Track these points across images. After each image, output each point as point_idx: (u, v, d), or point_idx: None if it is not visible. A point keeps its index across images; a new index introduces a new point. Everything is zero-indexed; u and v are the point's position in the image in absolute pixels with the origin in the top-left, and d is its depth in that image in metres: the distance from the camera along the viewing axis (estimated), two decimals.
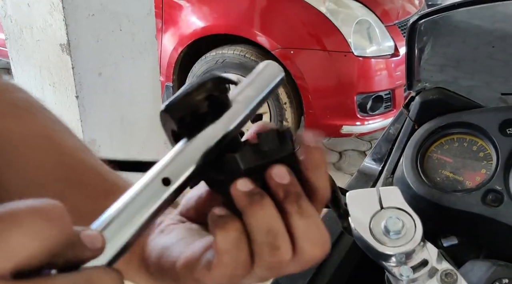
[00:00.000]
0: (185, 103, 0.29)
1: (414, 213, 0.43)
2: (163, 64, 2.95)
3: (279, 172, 0.28)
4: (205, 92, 0.29)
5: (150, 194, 0.27)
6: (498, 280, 0.44)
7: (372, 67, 2.60)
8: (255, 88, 0.33)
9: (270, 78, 0.34)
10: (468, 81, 0.56)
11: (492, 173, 0.51)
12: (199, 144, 0.29)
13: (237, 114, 0.30)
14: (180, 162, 0.28)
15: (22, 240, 0.20)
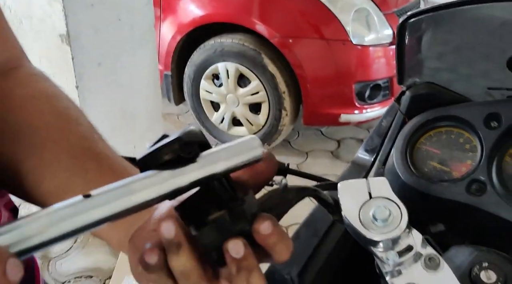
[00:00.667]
0: (152, 158, 0.33)
1: (400, 203, 0.46)
2: (161, 53, 2.96)
3: (234, 246, 0.31)
4: (171, 153, 0.33)
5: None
6: (478, 263, 0.47)
7: (370, 55, 2.61)
8: (225, 155, 0.36)
9: (245, 150, 0.36)
10: (452, 75, 0.58)
11: (476, 164, 0.54)
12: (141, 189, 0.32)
13: (188, 175, 0.33)
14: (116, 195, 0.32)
15: None
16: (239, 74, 2.79)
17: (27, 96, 0.45)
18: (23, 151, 0.43)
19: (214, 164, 0.35)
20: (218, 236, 0.33)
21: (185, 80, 3.04)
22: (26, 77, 0.47)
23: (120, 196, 0.31)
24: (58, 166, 0.42)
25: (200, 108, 3.04)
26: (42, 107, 0.45)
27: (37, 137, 0.43)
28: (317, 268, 0.54)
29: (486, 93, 0.59)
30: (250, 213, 0.34)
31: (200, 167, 0.34)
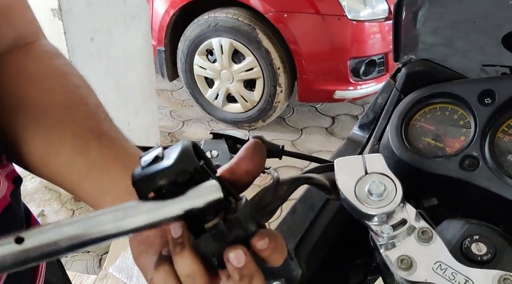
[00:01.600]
0: (146, 181, 0.34)
1: (395, 178, 0.47)
2: (154, 27, 2.92)
3: (235, 256, 0.33)
4: (166, 179, 0.33)
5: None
6: (470, 236, 0.48)
7: (365, 31, 2.59)
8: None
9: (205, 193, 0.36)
10: (447, 51, 0.59)
11: (470, 140, 0.55)
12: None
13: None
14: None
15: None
16: (233, 50, 2.76)
17: (40, 73, 0.46)
18: (32, 129, 0.44)
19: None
20: (215, 244, 0.34)
21: (178, 55, 3.01)
22: (41, 54, 0.49)
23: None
24: (63, 145, 0.43)
25: (194, 84, 3.02)
26: (53, 86, 0.46)
27: (46, 116, 0.44)
28: (313, 241, 0.56)
29: (481, 70, 0.59)
30: (244, 219, 0.35)
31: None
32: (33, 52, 0.48)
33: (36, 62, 0.47)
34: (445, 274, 0.44)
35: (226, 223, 0.34)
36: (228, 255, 0.34)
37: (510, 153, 0.53)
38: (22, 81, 0.46)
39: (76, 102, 0.46)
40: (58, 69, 0.48)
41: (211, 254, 0.35)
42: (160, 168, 0.34)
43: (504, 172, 0.52)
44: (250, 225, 0.36)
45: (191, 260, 0.34)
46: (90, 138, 0.44)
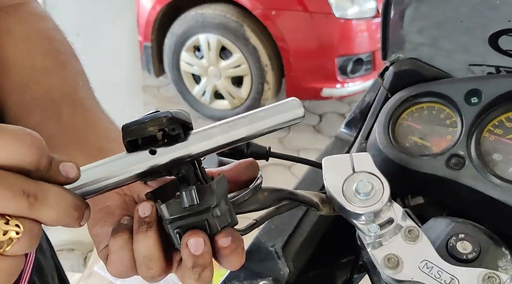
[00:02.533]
0: (136, 128, 0.34)
1: (382, 177, 0.47)
2: (141, 23, 2.89)
3: (194, 242, 0.33)
4: (156, 126, 0.34)
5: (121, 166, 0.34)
6: (455, 235, 0.49)
7: (353, 28, 2.61)
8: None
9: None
10: (434, 50, 0.59)
11: (456, 139, 0.55)
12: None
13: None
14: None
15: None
16: (221, 47, 2.75)
17: (22, 34, 0.47)
18: (8, 87, 0.45)
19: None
20: (183, 212, 0.33)
21: (165, 51, 2.98)
22: (26, 15, 0.49)
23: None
24: (35, 107, 0.44)
25: (181, 81, 3.00)
26: (33, 48, 0.46)
27: (22, 76, 0.45)
28: (301, 240, 0.55)
29: (467, 69, 0.60)
30: (218, 191, 0.35)
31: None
32: (20, 12, 0.48)
33: (21, 22, 0.48)
34: (431, 272, 0.44)
35: (198, 192, 0.34)
36: (188, 240, 0.33)
37: (496, 152, 0.54)
38: (2, 39, 0.46)
39: (54, 66, 0.46)
40: (42, 31, 0.48)
41: (175, 228, 0.34)
42: (153, 115, 0.34)
43: (490, 171, 0.52)
44: (222, 203, 0.35)
45: (153, 242, 0.34)
46: (63, 104, 0.44)
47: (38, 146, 0.28)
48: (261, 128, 0.38)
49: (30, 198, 0.27)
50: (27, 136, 0.27)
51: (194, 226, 0.34)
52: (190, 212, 0.33)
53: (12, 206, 0.26)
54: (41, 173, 0.28)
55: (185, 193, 0.33)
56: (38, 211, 0.28)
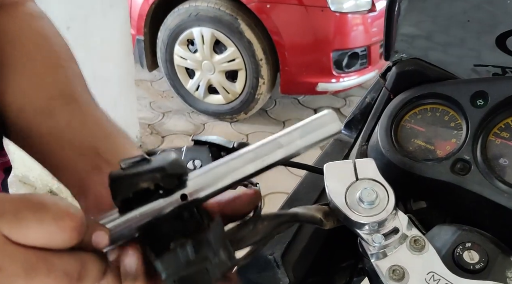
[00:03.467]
0: (129, 185, 0.31)
1: (387, 185, 0.45)
2: (133, 16, 2.84)
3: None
4: (151, 182, 0.31)
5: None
6: (462, 243, 0.47)
7: (348, 23, 2.58)
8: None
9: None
10: (438, 51, 0.57)
11: (461, 143, 0.53)
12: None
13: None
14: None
15: (36, 232, 0.26)
16: (215, 40, 2.71)
17: (19, 33, 0.47)
18: (5, 85, 0.44)
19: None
20: (178, 266, 0.31)
21: (158, 45, 2.94)
22: (23, 15, 0.49)
23: None
24: (31, 105, 0.43)
25: (174, 75, 2.96)
26: (30, 47, 0.46)
27: (20, 75, 0.45)
28: (301, 248, 0.53)
29: (472, 70, 0.58)
30: (215, 241, 0.32)
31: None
32: (17, 12, 0.49)
33: (18, 22, 0.48)
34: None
35: (194, 243, 0.31)
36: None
37: (502, 157, 0.52)
38: (0, 39, 0.46)
39: (51, 66, 0.46)
40: (39, 31, 0.48)
41: (172, 281, 0.32)
42: (146, 169, 0.32)
43: (496, 176, 0.50)
44: (221, 251, 0.33)
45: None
46: (60, 103, 0.43)
47: (78, 230, 0.28)
48: (294, 151, 0.35)
49: (73, 280, 0.28)
50: (68, 220, 0.27)
51: (193, 276, 0.32)
52: (187, 265, 0.31)
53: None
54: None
55: (180, 250, 0.31)
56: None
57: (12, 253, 0.26)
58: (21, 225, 0.26)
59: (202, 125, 2.95)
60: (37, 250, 0.27)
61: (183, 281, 0.32)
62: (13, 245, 0.26)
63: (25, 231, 0.26)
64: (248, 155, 0.34)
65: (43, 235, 0.27)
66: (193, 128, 2.92)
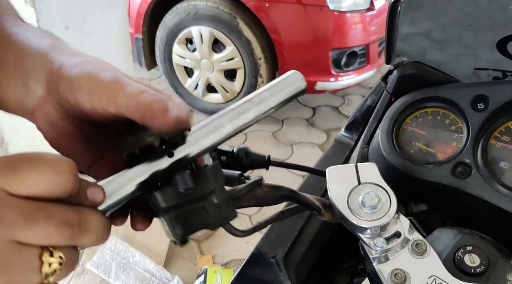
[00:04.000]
0: (135, 141, 0.33)
1: (389, 189, 0.45)
2: (132, 14, 2.83)
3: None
4: (156, 137, 0.33)
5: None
6: (463, 247, 0.47)
7: (347, 21, 2.58)
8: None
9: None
10: (440, 54, 0.57)
11: (462, 146, 0.54)
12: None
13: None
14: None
15: (32, 180, 0.27)
16: (213, 39, 2.71)
17: None
18: None
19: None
20: (179, 199, 0.33)
21: (157, 44, 2.93)
22: None
23: None
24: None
25: (173, 74, 2.96)
26: None
27: None
28: (303, 250, 0.54)
29: (473, 73, 0.58)
30: (214, 179, 0.34)
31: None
32: None
33: None
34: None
35: (194, 177, 0.33)
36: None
37: (503, 160, 0.52)
38: None
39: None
40: None
41: (171, 218, 0.33)
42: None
43: (497, 180, 0.51)
44: (219, 191, 0.34)
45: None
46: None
47: (73, 173, 0.29)
48: (267, 108, 0.37)
49: (74, 228, 0.28)
50: (62, 164, 0.28)
51: (191, 215, 0.33)
52: (186, 199, 0.32)
53: (57, 237, 0.27)
54: (71, 199, 0.29)
55: (180, 177, 0.32)
56: (80, 238, 0.29)
57: (11, 204, 0.26)
58: (17, 175, 0.27)
59: None
60: (36, 200, 0.27)
61: (181, 218, 0.33)
62: (12, 197, 0.27)
63: (21, 181, 0.27)
64: (230, 113, 0.36)
65: (39, 183, 0.27)
66: None
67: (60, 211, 0.28)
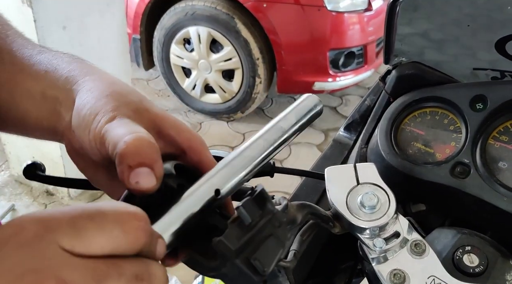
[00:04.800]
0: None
1: (388, 189, 0.45)
2: (129, 15, 2.82)
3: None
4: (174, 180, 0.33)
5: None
6: (462, 247, 0.47)
7: (345, 22, 2.58)
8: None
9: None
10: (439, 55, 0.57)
11: (461, 146, 0.54)
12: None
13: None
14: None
15: (99, 242, 0.25)
16: (211, 39, 2.71)
17: None
18: None
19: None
20: (246, 234, 0.31)
21: (154, 44, 2.93)
22: None
23: None
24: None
25: (170, 74, 2.96)
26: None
27: None
28: (301, 252, 0.53)
29: (472, 73, 0.58)
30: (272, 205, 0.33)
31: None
32: None
33: None
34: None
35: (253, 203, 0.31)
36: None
37: (501, 160, 0.52)
38: None
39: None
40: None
41: (243, 259, 0.30)
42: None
43: (496, 180, 0.51)
44: (275, 210, 0.33)
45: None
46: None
47: (143, 229, 0.27)
48: (291, 136, 0.37)
49: (144, 282, 0.27)
50: (131, 221, 0.26)
51: (263, 247, 0.31)
52: (253, 231, 0.30)
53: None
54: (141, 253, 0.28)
55: (243, 209, 0.30)
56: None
57: (78, 265, 0.25)
58: (81, 236, 0.25)
59: (198, 124, 2.95)
60: (105, 258, 0.26)
61: (259, 254, 0.30)
62: (77, 257, 0.25)
63: (87, 241, 0.25)
64: (259, 141, 0.36)
65: (107, 242, 0.25)
66: (189, 127, 2.91)
67: (131, 266, 0.26)
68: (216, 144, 2.73)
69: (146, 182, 0.30)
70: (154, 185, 0.31)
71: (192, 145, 0.38)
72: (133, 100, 0.37)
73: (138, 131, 0.33)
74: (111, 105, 0.35)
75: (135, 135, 0.32)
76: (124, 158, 0.31)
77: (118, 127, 0.33)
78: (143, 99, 0.38)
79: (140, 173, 0.30)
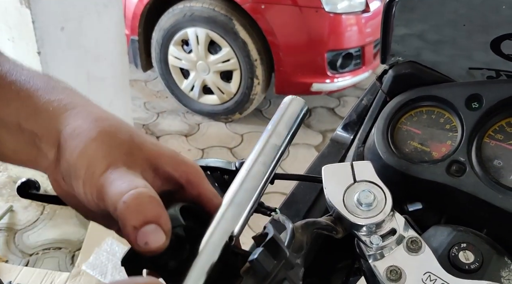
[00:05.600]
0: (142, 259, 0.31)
1: (385, 187, 0.46)
2: (128, 16, 2.83)
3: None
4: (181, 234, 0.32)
5: None
6: (457, 244, 0.48)
7: (342, 23, 2.59)
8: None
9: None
10: (435, 54, 0.58)
11: (457, 145, 0.54)
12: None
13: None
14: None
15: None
16: (209, 41, 2.71)
17: None
18: None
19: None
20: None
21: (153, 45, 2.93)
22: None
23: None
24: None
25: (169, 75, 2.96)
26: None
27: None
28: None
29: (467, 73, 0.59)
30: (283, 246, 0.33)
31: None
32: None
33: None
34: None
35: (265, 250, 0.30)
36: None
37: (496, 158, 0.53)
38: None
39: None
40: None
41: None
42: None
43: (491, 178, 0.51)
44: (288, 251, 0.33)
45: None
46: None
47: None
48: (283, 149, 0.38)
49: None
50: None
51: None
52: (267, 281, 0.30)
53: None
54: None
55: (257, 262, 0.30)
56: None
57: None
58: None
59: (196, 126, 2.95)
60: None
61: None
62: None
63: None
64: (257, 167, 0.36)
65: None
66: (187, 128, 2.92)
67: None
68: (214, 145, 2.73)
69: (156, 240, 0.29)
70: (164, 241, 0.30)
71: (190, 178, 0.36)
72: (124, 140, 0.35)
73: (136, 185, 0.31)
74: (102, 152, 0.33)
75: (134, 193, 0.30)
76: (128, 220, 0.29)
77: (115, 180, 0.31)
78: (133, 134, 0.36)
79: (147, 232, 0.29)
